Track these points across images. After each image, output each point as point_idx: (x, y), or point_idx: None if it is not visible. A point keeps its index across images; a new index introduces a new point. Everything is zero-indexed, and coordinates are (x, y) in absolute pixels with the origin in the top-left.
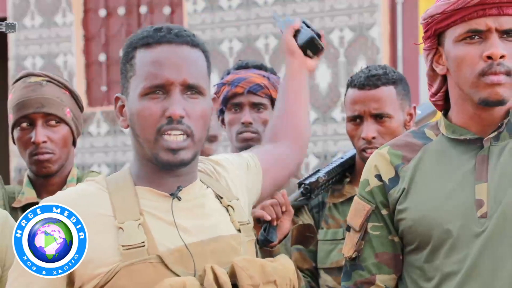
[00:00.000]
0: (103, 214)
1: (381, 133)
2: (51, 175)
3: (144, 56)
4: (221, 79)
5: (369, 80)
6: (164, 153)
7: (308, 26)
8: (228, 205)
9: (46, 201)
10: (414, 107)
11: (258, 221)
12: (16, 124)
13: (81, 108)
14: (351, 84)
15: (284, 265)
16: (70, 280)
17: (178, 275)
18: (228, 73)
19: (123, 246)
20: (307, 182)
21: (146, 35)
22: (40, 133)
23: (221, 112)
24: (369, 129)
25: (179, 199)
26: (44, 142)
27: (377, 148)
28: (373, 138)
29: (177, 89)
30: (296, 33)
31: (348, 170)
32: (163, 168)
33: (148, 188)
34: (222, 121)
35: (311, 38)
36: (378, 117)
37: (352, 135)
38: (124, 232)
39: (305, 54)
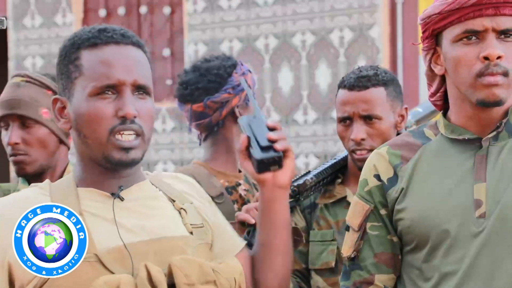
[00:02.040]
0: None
1: (370, 134)
2: (30, 176)
3: (92, 57)
4: (194, 70)
5: (359, 81)
6: (116, 152)
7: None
8: (181, 208)
9: None
10: (406, 108)
11: (243, 224)
12: None
13: None
14: (341, 85)
15: (229, 265)
16: (11, 282)
17: (114, 274)
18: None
19: None
20: (295, 184)
21: (91, 36)
22: (14, 135)
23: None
24: (358, 130)
25: (122, 199)
26: (17, 143)
27: (367, 149)
28: (362, 139)
29: (128, 89)
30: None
31: (340, 171)
32: (114, 167)
33: (90, 189)
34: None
35: (260, 160)
36: (368, 119)
37: (342, 136)
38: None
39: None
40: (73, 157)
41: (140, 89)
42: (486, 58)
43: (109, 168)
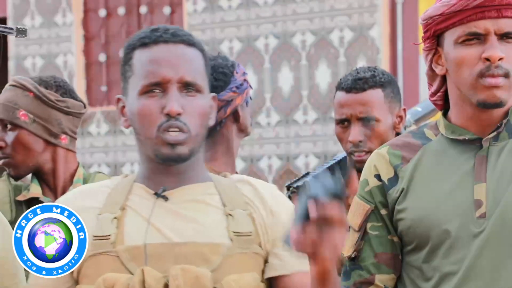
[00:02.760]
0: (93, 207)
1: (368, 136)
2: (20, 178)
3: (142, 56)
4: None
5: (356, 83)
6: (164, 148)
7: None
8: (229, 214)
9: (57, 202)
10: (404, 109)
11: None
12: None
13: (57, 109)
14: (339, 86)
15: (242, 280)
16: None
17: (131, 272)
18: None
19: (94, 236)
20: (294, 185)
21: (143, 36)
22: None
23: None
24: (356, 132)
25: (165, 199)
26: (0, 147)
27: (365, 151)
28: (360, 141)
29: (174, 86)
30: None
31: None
32: (164, 163)
33: (141, 185)
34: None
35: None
36: (365, 121)
37: (340, 138)
38: (98, 224)
39: None
40: (81, 157)
41: (188, 86)
42: (487, 59)
43: (161, 164)
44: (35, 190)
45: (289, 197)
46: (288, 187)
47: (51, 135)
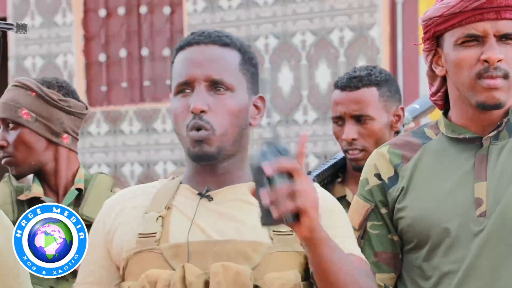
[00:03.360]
0: (139, 205)
1: (362, 134)
2: (22, 177)
3: (178, 58)
4: None
5: (350, 82)
6: (192, 146)
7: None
8: None
9: (105, 202)
10: (402, 108)
11: None
12: None
13: (60, 108)
14: (335, 85)
15: (284, 278)
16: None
17: (174, 269)
18: None
19: (139, 234)
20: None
21: (183, 40)
22: (0, 138)
23: None
24: (349, 130)
25: (210, 199)
26: (3, 146)
27: (358, 149)
28: (354, 139)
29: (201, 85)
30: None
31: (340, 171)
32: (196, 161)
33: (186, 186)
34: None
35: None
36: (359, 119)
37: (337, 136)
38: (144, 222)
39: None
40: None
41: (216, 84)
42: (486, 61)
43: (201, 164)
44: (37, 190)
45: None
46: None
47: (53, 134)
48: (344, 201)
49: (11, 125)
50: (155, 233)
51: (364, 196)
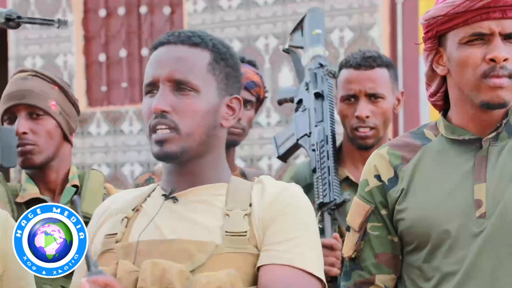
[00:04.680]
0: (117, 208)
1: (374, 113)
2: (35, 168)
3: (150, 59)
4: None
5: (365, 61)
6: (154, 146)
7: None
8: (226, 214)
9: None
10: (402, 93)
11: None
12: (2, 119)
13: (74, 105)
14: (346, 64)
15: (211, 277)
16: None
17: None
18: None
19: (105, 235)
20: (337, 201)
21: (157, 39)
22: (22, 124)
23: None
24: (363, 107)
25: (175, 200)
26: (25, 133)
27: (370, 127)
28: (367, 117)
29: (164, 85)
30: None
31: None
32: (162, 161)
33: (159, 187)
34: None
35: None
36: (373, 97)
37: (345, 115)
38: (111, 223)
39: None
40: (75, 159)
41: (180, 84)
42: (492, 60)
43: (172, 165)
44: (32, 190)
45: (329, 214)
46: (323, 204)
47: (69, 130)
48: (348, 181)
49: (37, 114)
50: (116, 233)
51: (364, 198)
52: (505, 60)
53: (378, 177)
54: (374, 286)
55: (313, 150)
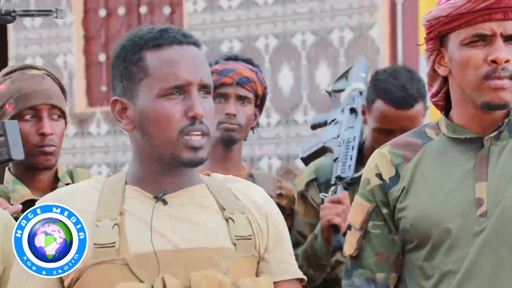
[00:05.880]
0: (87, 210)
1: None
2: (48, 169)
3: (157, 58)
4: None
5: (405, 101)
6: (186, 153)
7: None
8: (229, 218)
9: (43, 200)
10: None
11: (334, 227)
12: (19, 115)
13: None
14: (384, 97)
15: (259, 284)
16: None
17: (141, 280)
18: (216, 63)
19: (95, 244)
20: (354, 175)
21: (154, 36)
22: (47, 125)
23: None
24: None
25: (165, 203)
26: (51, 134)
27: None
28: None
29: (195, 89)
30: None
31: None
32: (183, 167)
33: (136, 188)
34: None
35: None
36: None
37: (378, 142)
38: (99, 231)
39: None
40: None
41: (204, 88)
42: (494, 61)
43: (165, 167)
44: (24, 191)
45: (345, 188)
46: (340, 178)
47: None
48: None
49: (56, 116)
50: (114, 242)
51: (365, 196)
52: (506, 61)
53: (379, 176)
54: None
55: (339, 145)
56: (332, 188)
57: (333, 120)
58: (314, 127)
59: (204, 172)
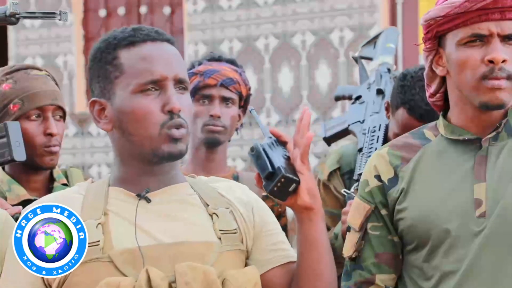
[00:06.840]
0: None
1: None
2: (50, 168)
3: (131, 55)
4: (191, 68)
5: (428, 114)
6: (166, 145)
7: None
8: (213, 213)
9: (27, 209)
10: None
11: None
12: (24, 115)
13: None
14: (408, 108)
15: (245, 274)
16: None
17: (126, 276)
18: (200, 64)
19: None
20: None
21: (127, 35)
22: (54, 126)
23: None
24: None
25: (148, 201)
26: (57, 134)
27: None
28: None
29: (171, 84)
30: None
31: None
32: (161, 161)
33: (118, 189)
34: None
35: (269, 193)
36: None
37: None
38: None
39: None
40: (75, 159)
41: (180, 83)
42: (491, 61)
43: (146, 165)
44: (20, 191)
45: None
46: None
47: None
48: None
49: (58, 116)
50: (98, 241)
51: (364, 198)
52: (503, 61)
53: (378, 177)
54: (375, 286)
55: (364, 134)
56: (355, 185)
57: (358, 98)
58: (337, 98)
59: (190, 175)
